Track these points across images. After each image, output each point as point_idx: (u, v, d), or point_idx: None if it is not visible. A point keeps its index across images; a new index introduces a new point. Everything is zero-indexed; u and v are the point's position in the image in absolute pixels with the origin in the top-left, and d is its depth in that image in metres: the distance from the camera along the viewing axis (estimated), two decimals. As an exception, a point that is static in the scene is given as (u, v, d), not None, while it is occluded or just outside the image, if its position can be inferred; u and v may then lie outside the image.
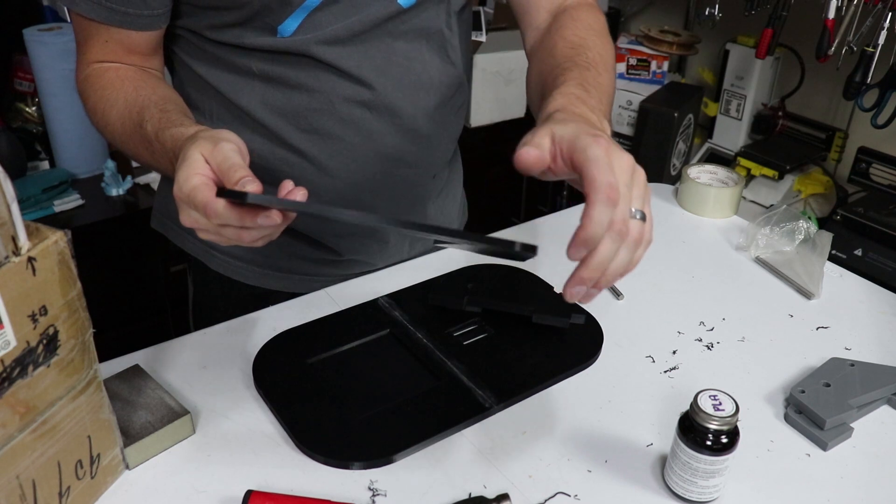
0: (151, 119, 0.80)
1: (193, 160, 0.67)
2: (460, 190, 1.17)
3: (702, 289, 1.04)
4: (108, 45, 0.88)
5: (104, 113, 0.87)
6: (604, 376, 0.87)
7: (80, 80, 0.91)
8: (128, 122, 0.84)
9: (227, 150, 0.67)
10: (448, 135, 1.03)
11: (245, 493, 0.68)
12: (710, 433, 0.68)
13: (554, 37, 0.87)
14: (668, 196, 1.27)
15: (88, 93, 0.89)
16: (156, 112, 0.81)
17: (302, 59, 0.88)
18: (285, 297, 1.00)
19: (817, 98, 1.94)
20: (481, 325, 0.93)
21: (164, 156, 0.77)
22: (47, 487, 0.63)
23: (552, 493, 0.72)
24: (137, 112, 0.83)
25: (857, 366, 0.86)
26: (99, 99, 0.87)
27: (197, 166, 0.66)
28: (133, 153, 0.87)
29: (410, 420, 0.78)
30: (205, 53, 0.91)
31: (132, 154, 0.88)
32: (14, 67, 1.76)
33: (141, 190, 1.71)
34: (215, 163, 0.67)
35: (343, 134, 0.92)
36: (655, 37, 2.09)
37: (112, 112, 0.86)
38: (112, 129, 0.86)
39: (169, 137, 0.76)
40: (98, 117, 0.88)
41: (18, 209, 0.56)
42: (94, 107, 0.88)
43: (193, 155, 0.67)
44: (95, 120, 0.90)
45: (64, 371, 0.62)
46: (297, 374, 0.84)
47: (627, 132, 2.11)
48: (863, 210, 1.65)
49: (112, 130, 0.87)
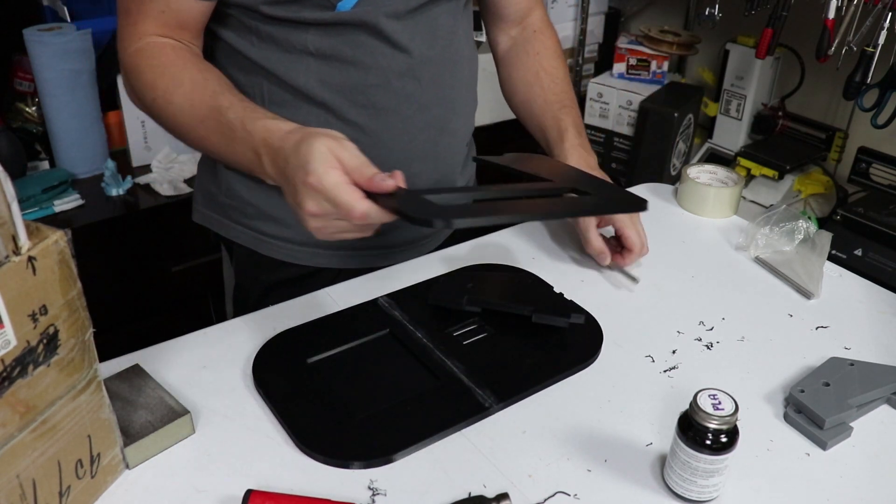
0: (233, 106, 0.81)
1: (323, 154, 0.71)
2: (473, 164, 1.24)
3: (701, 288, 1.04)
4: (163, 17, 0.87)
5: (166, 90, 0.85)
6: (604, 376, 0.87)
7: (131, 51, 0.88)
8: (198, 104, 0.84)
9: (351, 147, 0.73)
10: (474, 105, 1.13)
11: (245, 492, 0.68)
12: (710, 432, 0.68)
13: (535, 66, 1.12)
14: (668, 196, 1.27)
15: (142, 67, 0.87)
16: (234, 100, 0.82)
17: (359, 36, 0.91)
18: (332, 273, 1.05)
19: (817, 98, 1.94)
20: (481, 325, 0.93)
21: (247, 144, 0.79)
22: (47, 487, 0.63)
23: (552, 492, 0.72)
24: (211, 96, 0.83)
25: (856, 365, 0.86)
26: (160, 75, 0.86)
27: (330, 161, 0.71)
28: (198, 135, 0.86)
29: (410, 420, 0.78)
30: (257, 33, 0.92)
31: (194, 135, 0.86)
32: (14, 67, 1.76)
33: (141, 190, 1.71)
34: (343, 159, 0.71)
35: (397, 106, 0.97)
36: (655, 37, 2.09)
37: (178, 91, 0.85)
38: (175, 108, 0.85)
39: (261, 128, 0.78)
40: (157, 93, 0.86)
41: (18, 209, 0.56)
42: (153, 83, 0.86)
43: (320, 149, 0.71)
44: (151, 96, 0.87)
45: (64, 371, 0.63)
46: (297, 374, 0.84)
47: (627, 132, 2.11)
48: (863, 210, 1.65)
49: (174, 110, 0.86)
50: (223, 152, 0.85)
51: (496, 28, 1.17)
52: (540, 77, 1.12)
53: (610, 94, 2.13)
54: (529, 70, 1.12)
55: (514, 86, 1.14)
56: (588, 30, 2.27)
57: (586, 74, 2.33)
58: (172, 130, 0.90)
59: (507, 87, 1.17)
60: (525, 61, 1.13)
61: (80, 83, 1.64)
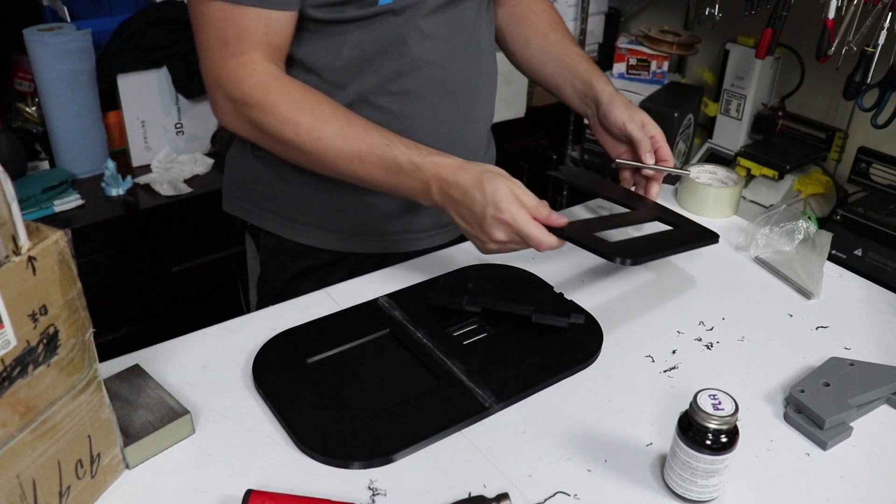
0: (393, 143, 0.91)
1: (509, 195, 0.87)
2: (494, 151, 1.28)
3: (701, 288, 1.04)
4: (267, 38, 0.91)
5: (311, 127, 0.91)
6: (604, 376, 0.87)
7: (251, 84, 0.91)
8: (352, 140, 0.91)
9: (524, 187, 0.89)
10: (494, 94, 1.18)
11: (245, 492, 0.68)
12: (710, 432, 0.68)
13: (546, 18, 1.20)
14: (668, 196, 1.27)
15: (276, 102, 0.91)
16: (391, 136, 0.92)
17: (395, 27, 0.97)
18: (357, 258, 1.11)
19: (817, 98, 1.94)
20: (481, 325, 0.93)
21: (415, 178, 0.91)
22: (47, 487, 0.63)
23: (552, 492, 0.72)
24: (363, 132, 0.92)
25: (856, 365, 0.86)
26: (299, 111, 0.91)
27: (516, 200, 0.87)
28: (351, 167, 0.93)
29: (410, 420, 0.78)
30: (298, 31, 0.95)
31: (345, 167, 0.93)
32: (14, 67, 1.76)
33: (141, 190, 1.71)
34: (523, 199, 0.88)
35: (427, 93, 1.02)
36: (655, 37, 2.09)
37: (326, 128, 0.91)
38: (325, 143, 0.91)
39: (430, 163, 0.90)
40: (300, 129, 0.91)
41: (18, 209, 0.56)
42: (295, 119, 0.91)
43: (505, 190, 0.87)
44: (294, 131, 0.92)
45: (64, 370, 0.63)
46: (297, 374, 0.84)
47: (627, 132, 2.10)
48: (863, 210, 1.65)
49: (324, 145, 0.92)
50: (381, 182, 0.93)
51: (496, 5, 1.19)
52: (553, 27, 1.19)
53: (610, 94, 2.12)
54: (542, 21, 1.19)
55: (527, 36, 1.19)
56: (588, 30, 2.27)
57: (586, 74, 2.33)
58: (314, 161, 0.95)
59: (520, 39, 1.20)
60: (533, 16, 1.20)
61: (80, 83, 1.64)
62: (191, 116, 1.81)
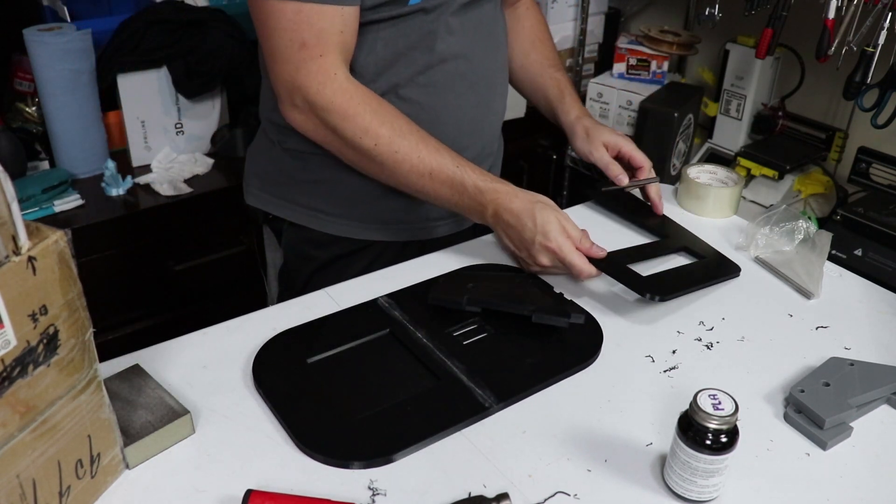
0: (461, 166, 1.00)
1: (558, 227, 0.98)
2: None
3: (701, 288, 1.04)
4: (342, 37, 0.95)
5: (391, 140, 0.97)
6: (604, 376, 0.87)
7: (333, 89, 0.95)
8: (427, 158, 0.99)
9: (570, 219, 1.00)
10: (507, 88, 1.23)
11: (245, 492, 0.68)
12: (710, 432, 0.68)
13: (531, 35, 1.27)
14: (668, 196, 1.27)
15: (357, 111, 0.96)
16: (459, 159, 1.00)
17: (426, 25, 1.02)
18: (379, 247, 1.15)
19: (817, 98, 1.94)
20: (481, 325, 0.93)
21: (476, 200, 1.00)
22: (47, 487, 0.63)
23: (552, 492, 0.72)
24: (435, 151, 0.99)
25: (856, 365, 0.86)
26: (381, 123, 0.97)
27: (563, 231, 0.98)
28: (420, 183, 1.00)
29: (410, 420, 0.78)
30: None
31: (414, 181, 1.00)
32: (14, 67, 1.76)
33: (141, 190, 1.71)
34: (569, 230, 0.98)
35: (452, 84, 1.08)
36: (655, 37, 2.09)
37: (403, 143, 0.98)
38: (401, 157, 0.98)
39: (491, 190, 0.99)
40: (380, 140, 0.97)
41: (18, 209, 0.56)
42: (376, 130, 0.97)
43: (554, 222, 0.98)
44: (373, 142, 0.97)
45: (64, 370, 0.63)
46: (297, 374, 0.84)
47: (628, 132, 2.10)
48: (863, 210, 1.65)
49: (400, 158, 0.98)
50: (444, 199, 1.02)
51: None
52: (536, 45, 1.27)
53: (610, 94, 2.12)
54: (526, 39, 1.27)
55: (512, 52, 1.26)
56: (588, 30, 2.27)
57: (586, 74, 2.33)
58: (386, 172, 1.01)
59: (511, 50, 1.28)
60: (521, 32, 1.27)
61: (80, 83, 1.63)
62: (191, 116, 1.81)
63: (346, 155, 1.02)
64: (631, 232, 1.18)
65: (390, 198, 1.11)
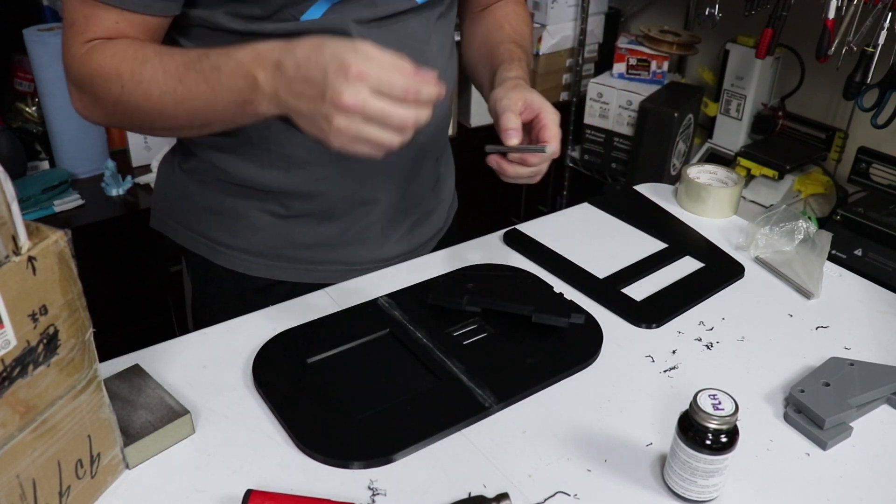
0: (209, 52, 0.79)
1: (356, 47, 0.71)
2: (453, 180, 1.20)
3: (701, 288, 1.04)
4: (117, 27, 0.83)
5: (132, 72, 0.81)
6: (604, 376, 0.87)
7: (79, 55, 0.83)
8: (171, 68, 0.80)
9: None
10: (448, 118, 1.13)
11: (245, 492, 0.68)
12: (710, 432, 0.68)
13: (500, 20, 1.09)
14: (668, 196, 1.27)
15: (99, 62, 0.82)
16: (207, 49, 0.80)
17: None
18: (288, 287, 1.02)
19: (817, 98, 1.94)
20: (481, 325, 0.93)
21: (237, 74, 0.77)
22: (47, 487, 0.63)
23: (552, 492, 0.72)
24: (180, 55, 0.81)
25: (856, 365, 0.86)
26: (120, 62, 0.82)
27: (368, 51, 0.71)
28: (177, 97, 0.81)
29: (410, 420, 0.78)
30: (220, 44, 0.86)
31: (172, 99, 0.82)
32: (14, 67, 1.76)
33: (141, 190, 1.71)
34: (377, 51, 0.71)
35: None
36: (655, 37, 2.09)
37: (146, 67, 0.81)
38: (148, 85, 0.81)
39: (249, 51, 0.76)
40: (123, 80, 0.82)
41: (18, 209, 0.56)
42: (116, 71, 0.82)
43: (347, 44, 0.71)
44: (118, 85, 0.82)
45: (64, 371, 0.63)
46: (297, 374, 0.84)
47: (627, 132, 2.11)
48: (863, 210, 1.65)
49: (146, 86, 0.81)
50: (210, 99, 0.80)
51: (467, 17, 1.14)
52: (503, 26, 1.08)
53: (610, 94, 2.13)
54: (495, 21, 1.09)
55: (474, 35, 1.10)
56: (588, 30, 2.27)
57: (586, 74, 2.33)
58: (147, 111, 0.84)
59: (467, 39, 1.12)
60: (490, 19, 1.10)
61: (80, 83, 1.63)
62: (191, 116, 1.81)
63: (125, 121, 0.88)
64: (632, 233, 1.18)
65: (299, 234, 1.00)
